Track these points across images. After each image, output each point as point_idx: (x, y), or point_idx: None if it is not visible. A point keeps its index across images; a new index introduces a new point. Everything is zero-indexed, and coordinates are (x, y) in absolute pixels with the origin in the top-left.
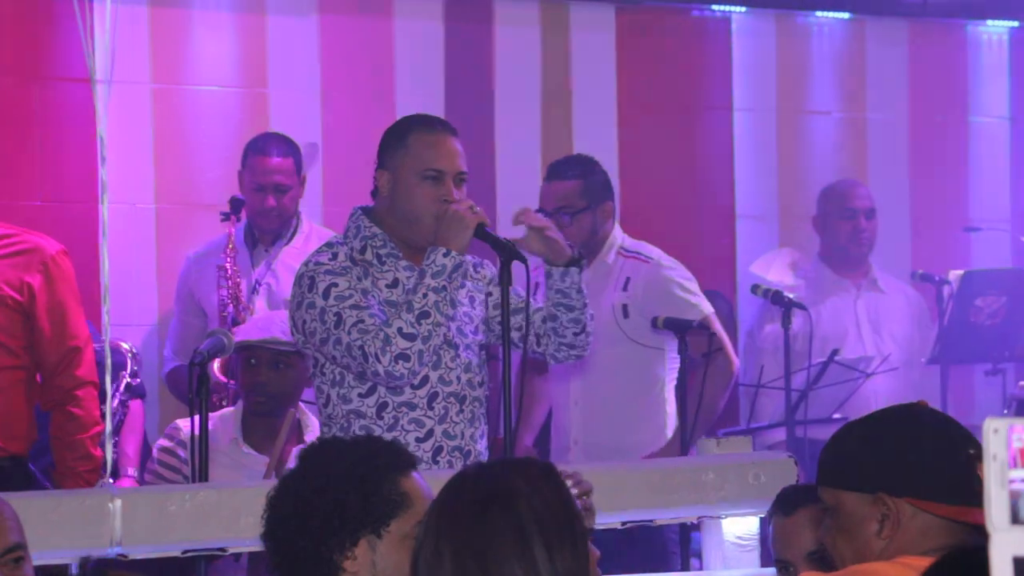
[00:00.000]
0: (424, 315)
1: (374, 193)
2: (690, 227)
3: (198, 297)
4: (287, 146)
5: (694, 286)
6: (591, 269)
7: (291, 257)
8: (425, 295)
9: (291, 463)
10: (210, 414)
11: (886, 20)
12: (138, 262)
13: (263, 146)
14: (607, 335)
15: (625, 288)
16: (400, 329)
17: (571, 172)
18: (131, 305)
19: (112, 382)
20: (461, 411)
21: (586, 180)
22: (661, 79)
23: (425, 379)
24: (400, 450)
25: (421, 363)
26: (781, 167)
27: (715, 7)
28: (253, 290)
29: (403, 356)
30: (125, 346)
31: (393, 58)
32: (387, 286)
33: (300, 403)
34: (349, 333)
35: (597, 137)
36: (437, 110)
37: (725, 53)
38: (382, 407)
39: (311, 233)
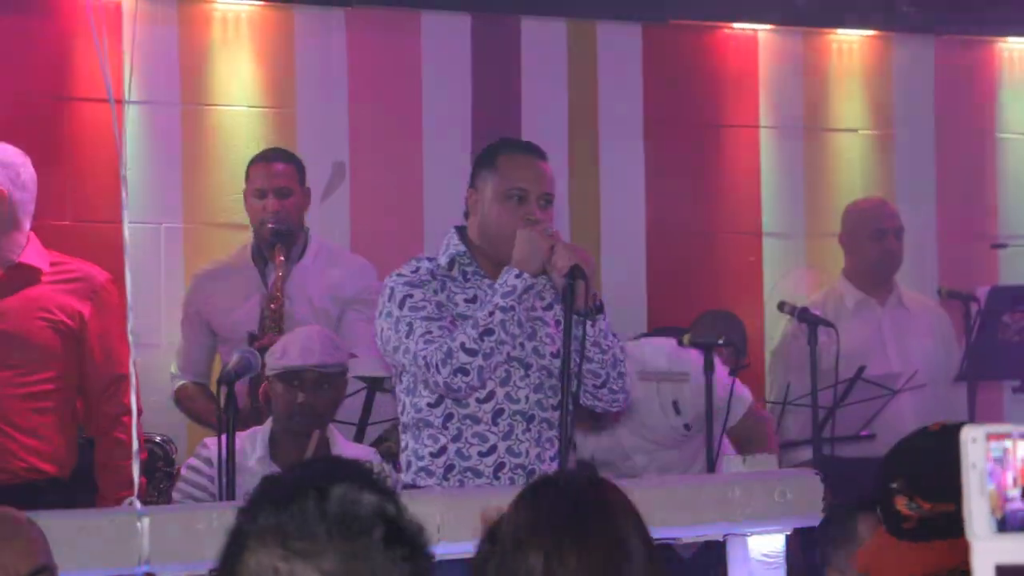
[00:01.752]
0: (488, 332)
1: (466, 214)
2: (716, 245)
3: (206, 316)
4: (287, 155)
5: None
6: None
7: (303, 276)
8: (492, 313)
9: None
10: (238, 433)
11: (912, 36)
12: (167, 282)
13: (263, 155)
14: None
15: (678, 412)
16: (463, 344)
17: None
18: (160, 325)
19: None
20: (528, 430)
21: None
22: (687, 97)
23: (491, 394)
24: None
25: (481, 379)
26: (807, 185)
27: (741, 25)
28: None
29: (462, 370)
30: (157, 439)
31: (420, 77)
32: (466, 301)
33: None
34: (417, 343)
35: (623, 155)
36: (464, 128)
37: (752, 71)
38: (448, 417)
39: (321, 251)
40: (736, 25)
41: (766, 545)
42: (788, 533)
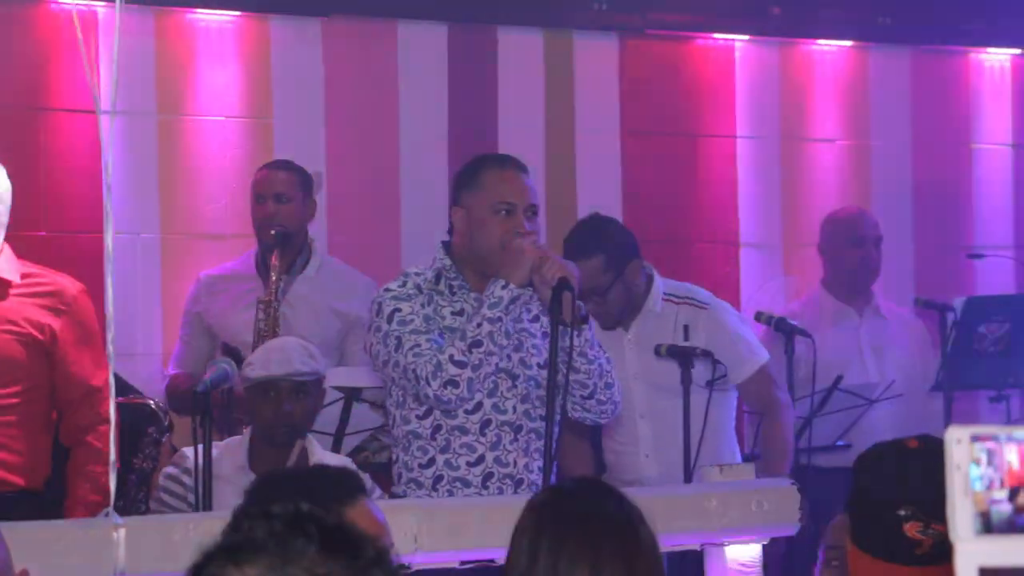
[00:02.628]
0: (476, 344)
1: (450, 230)
2: (693, 255)
3: (209, 320)
4: (291, 164)
5: (749, 330)
6: (639, 322)
7: (305, 287)
8: (479, 325)
9: None
10: (215, 442)
11: (888, 47)
12: (143, 292)
13: (267, 164)
14: (671, 385)
15: (686, 337)
16: (452, 356)
17: (589, 248)
18: (136, 335)
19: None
20: (515, 440)
21: (606, 252)
22: (664, 107)
23: (479, 405)
24: (346, 479)
25: (471, 390)
26: (784, 195)
27: (718, 35)
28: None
29: (452, 382)
30: (152, 404)
31: (397, 86)
32: (452, 313)
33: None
34: (406, 356)
35: (600, 166)
36: (440, 138)
37: (728, 81)
38: (436, 429)
39: (325, 265)
40: (713, 36)
41: (743, 554)
42: (765, 542)
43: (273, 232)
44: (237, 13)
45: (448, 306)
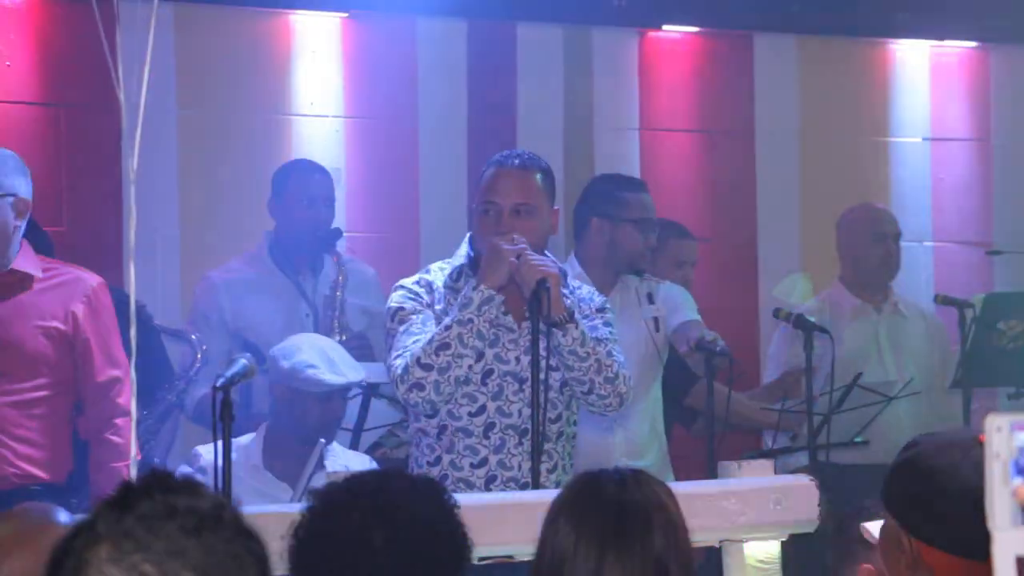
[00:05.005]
0: (444, 347)
1: None
2: (711, 251)
3: (231, 319)
4: (322, 167)
5: (692, 303)
6: (619, 291)
7: (325, 286)
8: (448, 327)
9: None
10: (244, 435)
11: (910, 43)
12: (163, 288)
13: (305, 166)
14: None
15: (651, 303)
16: (418, 359)
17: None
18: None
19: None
20: (520, 444)
21: None
22: (683, 102)
23: (483, 408)
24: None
25: (438, 393)
26: (803, 190)
27: (736, 30)
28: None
29: (418, 385)
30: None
31: (416, 83)
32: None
33: None
34: (390, 357)
35: (619, 160)
36: (460, 134)
37: (747, 76)
38: (441, 429)
39: (350, 265)
40: (731, 31)
41: (762, 551)
42: (783, 539)
43: (322, 233)
44: (258, 8)
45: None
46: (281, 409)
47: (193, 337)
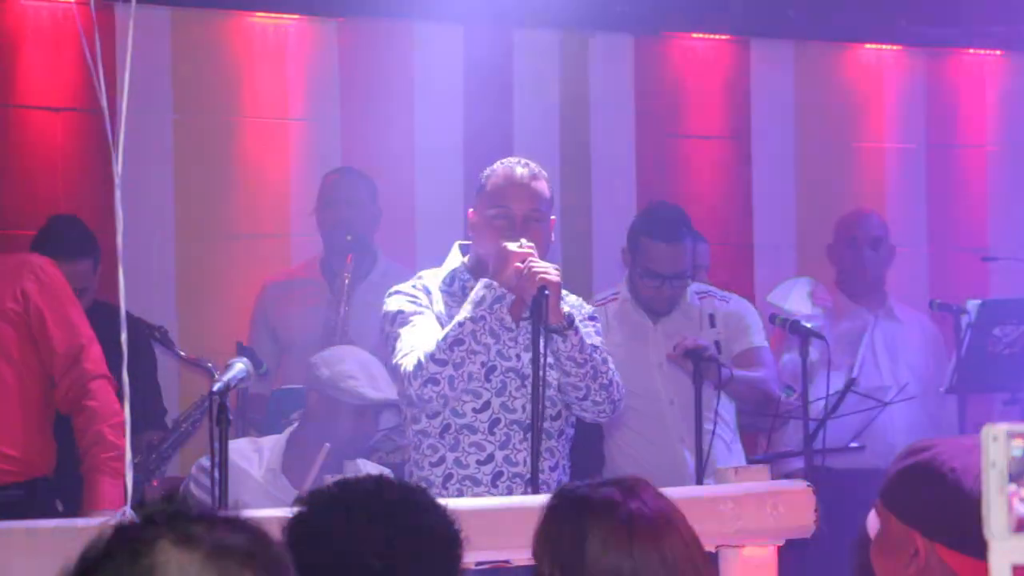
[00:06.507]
0: (458, 342)
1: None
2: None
3: (274, 324)
4: (357, 172)
5: (759, 323)
6: (675, 312)
7: (371, 294)
8: (462, 324)
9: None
10: (254, 438)
11: (907, 49)
12: (159, 294)
13: (337, 170)
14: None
15: (712, 325)
16: (432, 355)
17: (681, 232)
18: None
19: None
20: (525, 439)
21: (690, 236)
22: (679, 108)
23: (487, 404)
24: None
25: (452, 388)
26: (799, 196)
27: (732, 36)
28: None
29: (432, 380)
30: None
31: (413, 88)
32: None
33: None
34: (396, 356)
35: (615, 167)
36: (456, 139)
37: (744, 80)
38: (445, 428)
39: (389, 270)
40: (727, 37)
41: (758, 557)
42: (780, 545)
43: (349, 237)
44: (254, 13)
45: (458, 307)
46: (312, 417)
47: (209, 364)
